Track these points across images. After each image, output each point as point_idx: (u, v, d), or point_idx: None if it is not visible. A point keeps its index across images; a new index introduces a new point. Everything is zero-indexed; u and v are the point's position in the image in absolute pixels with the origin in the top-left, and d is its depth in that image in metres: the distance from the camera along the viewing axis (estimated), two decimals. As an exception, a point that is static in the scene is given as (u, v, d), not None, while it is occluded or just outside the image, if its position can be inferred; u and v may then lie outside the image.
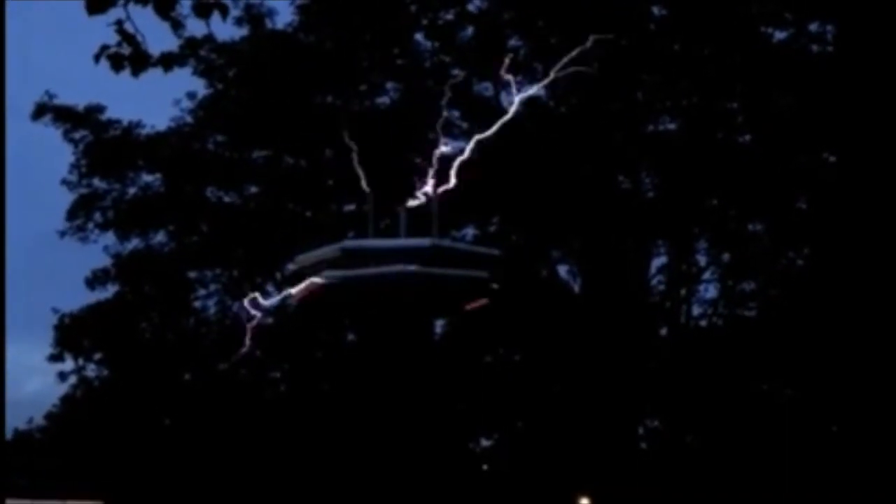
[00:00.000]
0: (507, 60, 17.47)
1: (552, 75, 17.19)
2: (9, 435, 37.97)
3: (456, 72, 32.79)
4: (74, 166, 34.80)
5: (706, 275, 32.49)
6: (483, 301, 16.92)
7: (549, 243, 32.71)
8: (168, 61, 7.96)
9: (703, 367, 29.54)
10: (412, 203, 16.59)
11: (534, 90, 20.57)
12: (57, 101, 34.41)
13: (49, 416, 36.45)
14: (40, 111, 34.37)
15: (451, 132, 32.79)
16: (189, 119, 34.57)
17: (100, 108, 34.69)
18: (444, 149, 16.90)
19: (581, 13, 30.10)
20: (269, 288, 34.98)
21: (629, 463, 29.83)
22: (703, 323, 32.16)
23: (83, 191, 34.87)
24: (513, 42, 32.64)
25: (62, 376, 34.55)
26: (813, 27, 31.04)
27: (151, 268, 34.37)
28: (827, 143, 29.98)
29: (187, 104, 34.37)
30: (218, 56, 33.42)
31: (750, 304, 32.41)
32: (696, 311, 32.26)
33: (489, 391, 31.29)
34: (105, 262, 34.63)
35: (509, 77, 18.17)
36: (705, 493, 27.99)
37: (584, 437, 29.72)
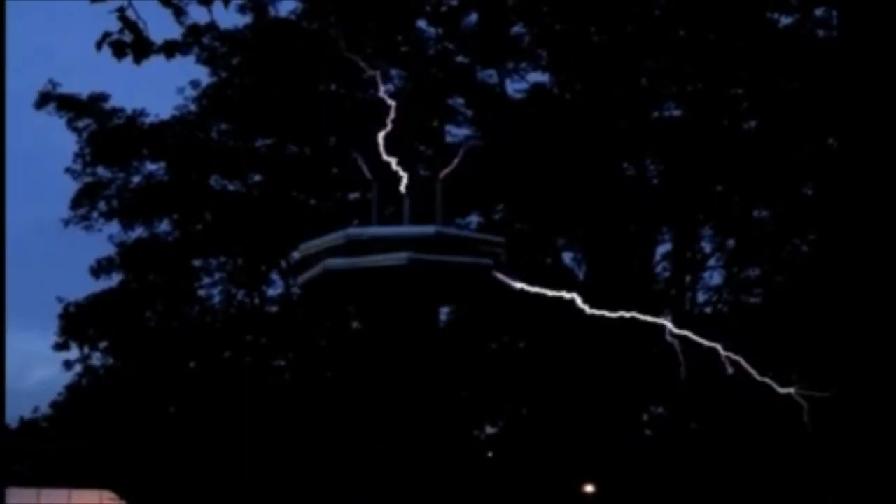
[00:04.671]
0: None
1: None
2: (14, 423, 38.10)
3: (460, 59, 32.78)
4: (78, 155, 34.83)
5: (711, 261, 32.47)
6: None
7: (554, 230, 32.66)
8: (170, 49, 7.92)
9: (707, 354, 29.44)
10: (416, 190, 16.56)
11: None
12: (61, 90, 34.45)
13: (54, 405, 36.55)
14: (44, 100, 34.37)
15: (456, 119, 32.81)
16: (193, 107, 34.57)
17: (104, 97, 34.70)
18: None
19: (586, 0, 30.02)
20: (274, 276, 35.07)
21: (634, 450, 29.82)
22: (708, 309, 32.12)
23: (87, 179, 34.90)
24: (517, 29, 32.57)
25: (67, 365, 34.65)
26: (819, 12, 30.94)
27: (156, 256, 34.39)
28: (833, 130, 29.87)
29: (191, 92, 34.40)
30: (221, 44, 33.37)
31: (755, 291, 32.37)
32: (700, 297, 32.25)
33: (494, 379, 31.30)
34: (110, 250, 34.70)
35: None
36: (710, 479, 27.99)
37: (589, 425, 29.72)
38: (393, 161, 16.35)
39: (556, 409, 31.09)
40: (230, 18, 32.52)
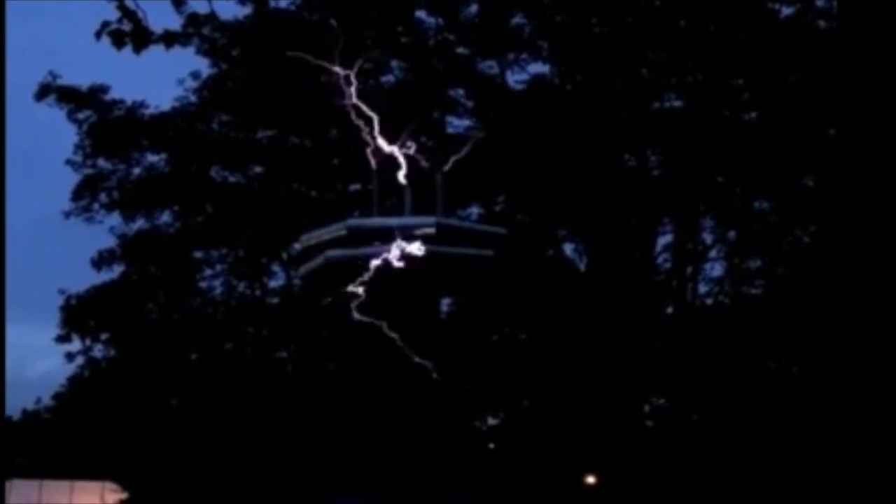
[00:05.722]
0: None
1: None
2: (17, 415, 38.20)
3: (460, 49, 32.72)
4: (79, 146, 34.80)
5: (712, 253, 32.44)
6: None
7: (555, 222, 32.64)
8: (170, 39, 7.90)
9: (709, 345, 29.50)
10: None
11: None
12: (61, 82, 34.40)
13: (57, 396, 36.62)
14: (44, 91, 34.33)
15: (456, 110, 32.76)
16: (193, 99, 34.52)
17: (104, 88, 34.66)
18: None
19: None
20: (275, 267, 35.08)
21: (635, 441, 29.84)
22: (710, 301, 32.11)
23: (88, 171, 34.88)
24: (517, 19, 32.50)
25: (69, 357, 34.66)
26: (819, 3, 30.85)
27: (157, 248, 34.37)
28: (834, 120, 29.81)
29: (191, 84, 34.37)
30: (221, 35, 33.30)
31: (756, 282, 32.34)
32: (702, 289, 32.23)
33: (495, 370, 31.30)
34: (111, 242, 34.69)
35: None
36: (711, 470, 28.00)
37: (591, 416, 29.73)
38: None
39: (557, 401, 31.11)
40: (230, 9, 32.49)
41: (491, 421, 34.17)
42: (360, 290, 18.34)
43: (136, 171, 34.98)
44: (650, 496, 28.37)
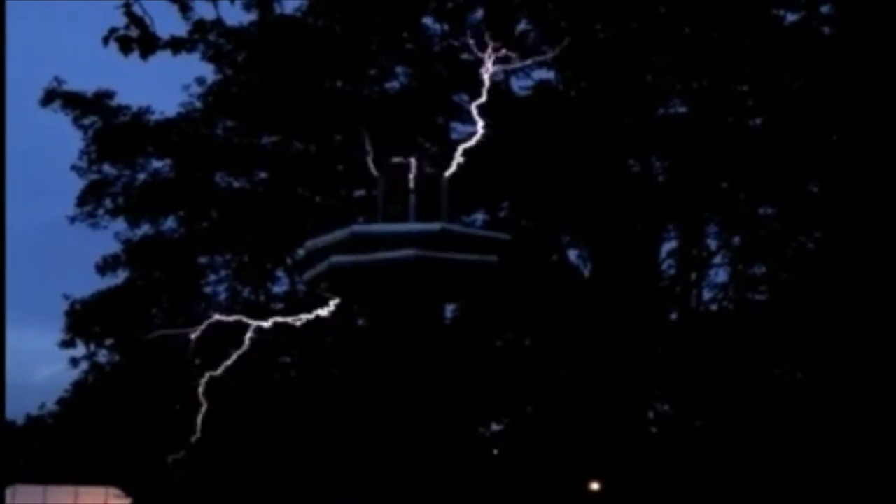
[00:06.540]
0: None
1: None
2: (21, 420, 38.23)
3: (465, 56, 32.72)
4: (84, 152, 34.91)
5: (716, 259, 32.44)
6: None
7: (560, 228, 32.66)
8: (177, 45, 7.95)
9: (713, 352, 29.49)
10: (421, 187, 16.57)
11: None
12: (66, 88, 34.52)
13: (61, 402, 36.65)
14: (49, 97, 34.43)
15: (461, 116, 32.80)
16: (198, 104, 34.61)
17: (109, 94, 34.77)
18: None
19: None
20: (280, 273, 35.12)
21: (639, 447, 29.82)
22: (714, 307, 32.10)
23: (93, 177, 35.02)
24: (522, 25, 32.55)
25: (74, 362, 34.76)
26: (824, 9, 30.86)
27: (162, 254, 34.44)
28: (838, 126, 29.83)
29: (196, 90, 34.46)
30: (227, 41, 33.41)
31: (760, 288, 32.33)
32: (706, 295, 32.22)
33: (499, 376, 31.31)
34: (115, 248, 34.78)
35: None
36: (715, 476, 27.98)
37: (594, 422, 29.73)
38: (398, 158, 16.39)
39: (561, 407, 31.10)
40: (235, 15, 32.62)
41: (495, 426, 34.20)
42: (365, 295, 18.37)
43: (141, 176, 35.14)
44: (654, 503, 28.34)
